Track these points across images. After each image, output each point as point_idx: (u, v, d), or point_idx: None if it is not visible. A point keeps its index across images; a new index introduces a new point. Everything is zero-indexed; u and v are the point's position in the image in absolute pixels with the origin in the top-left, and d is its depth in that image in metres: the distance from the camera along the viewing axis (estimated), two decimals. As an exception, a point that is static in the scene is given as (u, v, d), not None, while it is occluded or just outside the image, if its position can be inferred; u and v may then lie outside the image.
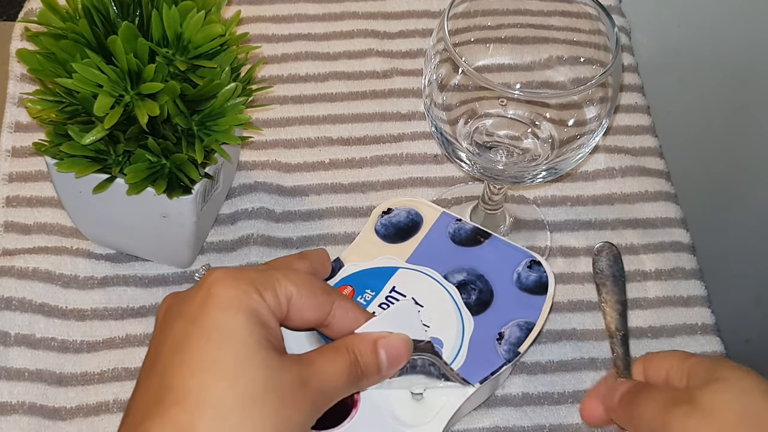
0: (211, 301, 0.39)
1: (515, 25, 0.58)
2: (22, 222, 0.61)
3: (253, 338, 0.38)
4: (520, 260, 0.55)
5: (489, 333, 0.51)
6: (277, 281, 0.41)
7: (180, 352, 0.38)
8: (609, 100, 0.51)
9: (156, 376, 0.38)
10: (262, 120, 0.68)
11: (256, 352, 0.38)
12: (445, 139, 0.54)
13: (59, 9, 0.50)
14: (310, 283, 0.42)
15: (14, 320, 0.57)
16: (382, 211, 0.57)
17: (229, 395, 0.36)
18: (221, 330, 0.38)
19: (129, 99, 0.48)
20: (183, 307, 0.40)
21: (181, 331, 0.38)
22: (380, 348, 0.43)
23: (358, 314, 0.44)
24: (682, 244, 0.64)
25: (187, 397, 0.36)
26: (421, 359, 0.46)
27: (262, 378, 0.37)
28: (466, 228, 0.56)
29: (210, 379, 0.37)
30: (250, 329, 0.38)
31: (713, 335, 0.60)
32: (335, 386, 0.41)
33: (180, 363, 0.37)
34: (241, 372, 0.37)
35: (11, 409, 0.54)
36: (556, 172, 0.54)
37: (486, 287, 0.53)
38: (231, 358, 0.37)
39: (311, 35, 0.73)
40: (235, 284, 0.39)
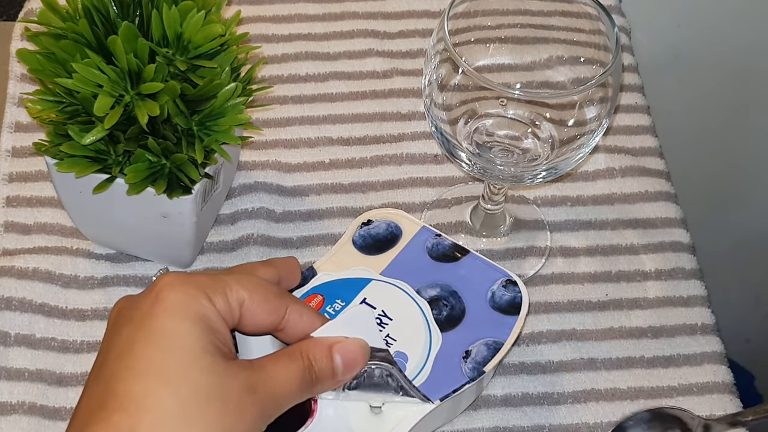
0: (159, 306, 0.38)
1: (515, 25, 0.58)
2: (22, 222, 0.61)
3: (198, 344, 0.38)
4: (495, 279, 0.54)
5: (456, 350, 0.51)
6: (228, 286, 0.40)
7: (125, 357, 0.38)
8: (609, 100, 0.51)
9: (101, 382, 0.38)
10: (262, 120, 0.68)
11: (200, 358, 0.37)
12: (446, 139, 0.54)
13: (59, 9, 0.50)
14: (262, 287, 0.42)
15: (14, 320, 0.57)
16: (361, 222, 0.56)
17: (171, 401, 0.36)
18: (167, 335, 0.38)
19: (129, 99, 0.48)
20: (131, 312, 0.39)
21: (127, 336, 0.38)
22: (335, 353, 0.42)
23: (313, 318, 0.43)
24: (682, 244, 0.64)
25: (130, 403, 0.36)
26: (378, 368, 0.45)
27: (206, 384, 0.37)
28: (444, 243, 0.55)
29: (153, 385, 0.36)
30: (197, 335, 0.38)
31: (713, 335, 0.60)
32: (287, 392, 0.40)
33: (125, 368, 0.37)
34: (184, 378, 0.37)
35: (11, 409, 0.54)
36: (556, 172, 0.54)
37: (458, 304, 0.52)
38: (174, 363, 0.37)
39: (311, 35, 0.73)
40: (183, 289, 0.39)
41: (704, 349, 0.59)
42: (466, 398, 0.53)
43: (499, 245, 0.63)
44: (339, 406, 0.46)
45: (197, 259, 0.61)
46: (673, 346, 0.59)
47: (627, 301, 0.61)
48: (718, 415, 0.56)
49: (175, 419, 0.36)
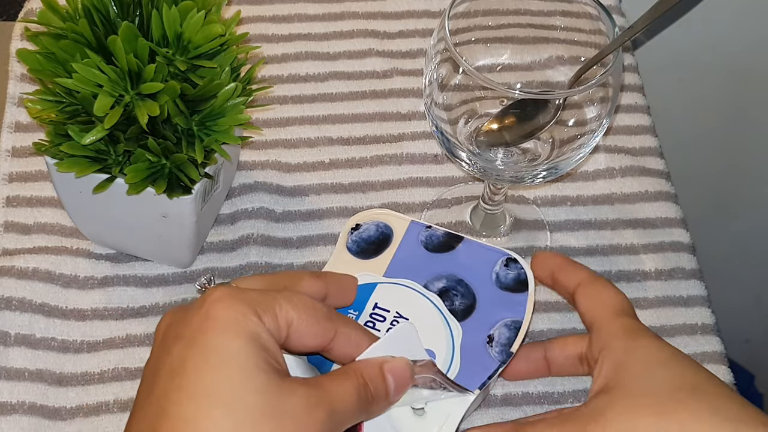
0: (210, 323, 0.38)
1: (516, 25, 0.58)
2: (22, 222, 0.61)
3: (251, 362, 0.37)
4: (495, 260, 0.54)
5: (478, 337, 0.51)
6: (278, 305, 0.40)
7: (177, 377, 0.37)
8: (609, 100, 0.51)
9: (153, 403, 0.37)
10: (262, 120, 0.68)
11: (254, 376, 0.36)
12: (446, 139, 0.54)
13: (59, 9, 0.50)
14: (312, 308, 0.41)
15: (14, 320, 0.57)
16: (350, 227, 0.56)
17: (225, 423, 0.35)
18: (219, 354, 0.37)
19: (129, 99, 0.48)
20: (181, 329, 0.39)
21: (178, 355, 0.37)
22: (387, 372, 0.42)
23: (360, 339, 0.43)
24: (682, 244, 0.64)
25: (184, 426, 0.35)
26: (422, 378, 0.45)
27: (261, 403, 0.36)
28: (437, 234, 0.55)
29: (206, 406, 0.36)
30: (248, 352, 0.37)
31: (713, 335, 0.60)
32: (346, 410, 0.39)
33: (177, 389, 0.36)
34: (238, 398, 0.36)
35: (11, 409, 0.54)
36: (556, 171, 0.54)
37: (467, 291, 0.53)
38: (228, 383, 0.36)
39: (311, 35, 0.73)
40: (234, 306, 0.38)
41: (704, 349, 0.59)
42: (494, 382, 0.53)
43: (499, 245, 0.63)
44: (383, 415, 0.46)
45: (197, 259, 0.61)
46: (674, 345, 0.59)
47: (627, 301, 0.61)
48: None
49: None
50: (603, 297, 0.49)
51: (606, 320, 0.48)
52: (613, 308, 0.48)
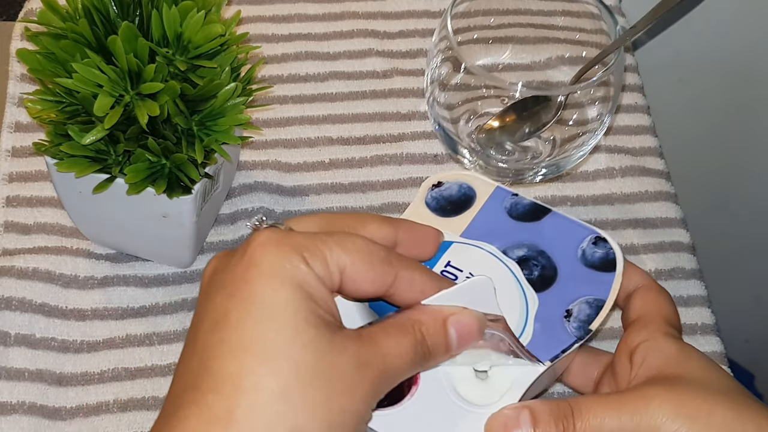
0: (253, 271, 0.35)
1: (516, 24, 0.58)
2: (22, 222, 0.61)
3: (300, 314, 0.34)
4: (584, 236, 0.50)
5: (556, 310, 0.47)
6: (328, 249, 0.36)
7: (219, 329, 0.34)
8: (610, 99, 0.51)
9: (195, 357, 0.35)
10: (262, 120, 0.68)
11: (302, 331, 0.34)
12: (448, 137, 0.54)
13: (59, 9, 0.50)
14: (367, 252, 0.37)
15: (14, 320, 0.57)
16: (432, 184, 0.52)
17: (270, 381, 0.33)
18: (263, 305, 0.34)
19: (129, 99, 0.48)
20: (224, 276, 0.36)
21: (221, 306, 0.35)
22: (450, 326, 0.39)
23: (426, 285, 0.40)
24: (682, 244, 0.64)
25: (225, 383, 0.33)
26: (490, 336, 0.42)
27: (310, 360, 0.33)
28: (523, 203, 0.51)
29: (250, 363, 0.33)
30: (297, 304, 0.34)
31: (713, 335, 0.60)
32: (399, 367, 0.37)
33: (219, 343, 0.34)
34: (284, 354, 0.33)
35: (11, 409, 0.54)
36: (557, 170, 0.54)
37: (549, 263, 0.49)
38: (274, 338, 0.33)
39: (311, 35, 0.73)
40: (279, 251, 0.35)
41: (704, 349, 0.59)
42: (561, 365, 0.49)
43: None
44: (442, 371, 0.44)
45: (197, 259, 0.61)
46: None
47: (627, 301, 0.61)
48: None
49: (277, 401, 0.33)
50: (663, 304, 0.47)
51: (657, 321, 0.45)
52: (668, 317, 0.46)
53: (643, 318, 0.45)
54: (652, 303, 0.46)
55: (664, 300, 0.47)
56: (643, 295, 0.46)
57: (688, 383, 0.41)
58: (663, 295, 0.47)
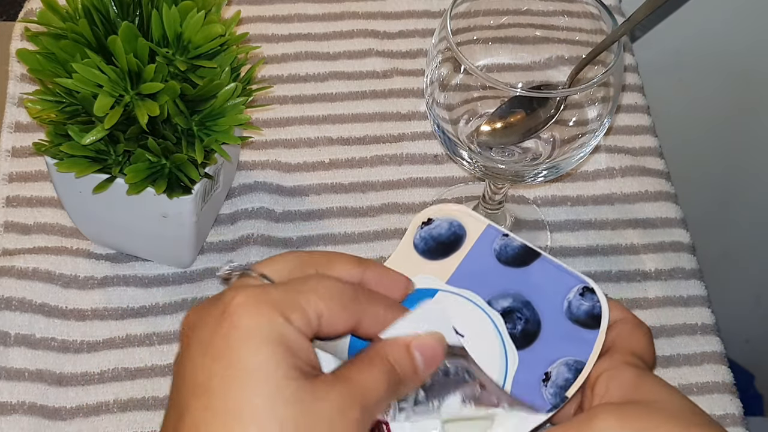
0: (234, 333, 0.36)
1: (516, 24, 0.58)
2: (22, 222, 0.61)
3: (279, 372, 0.35)
4: (571, 286, 0.47)
5: (534, 372, 0.45)
6: (305, 300, 0.38)
7: (204, 396, 0.36)
8: (610, 99, 0.51)
9: (182, 423, 0.36)
10: (262, 120, 0.68)
11: (283, 388, 0.35)
12: (447, 138, 0.54)
13: (59, 9, 0.50)
14: (338, 293, 0.39)
15: (14, 320, 0.57)
16: (421, 221, 0.50)
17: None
18: (246, 369, 0.35)
19: (129, 99, 0.48)
20: (204, 335, 0.37)
21: (203, 369, 0.36)
22: (414, 350, 0.40)
23: (389, 319, 0.41)
24: (682, 244, 0.64)
25: None
26: (454, 366, 0.42)
27: (293, 415, 0.34)
28: (513, 245, 0.49)
29: (237, 427, 0.34)
30: (276, 361, 0.35)
31: (713, 335, 0.60)
32: (376, 398, 0.38)
33: (204, 411, 0.35)
34: (268, 413, 0.34)
35: (11, 409, 0.54)
36: (557, 171, 0.54)
37: (533, 317, 0.47)
38: (256, 399, 0.35)
39: (311, 35, 0.73)
40: (259, 312, 0.36)
41: (704, 349, 0.59)
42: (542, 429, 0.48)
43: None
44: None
45: (197, 259, 0.61)
46: (673, 346, 0.59)
47: (627, 301, 0.61)
48: (719, 415, 0.56)
49: None
50: (634, 337, 0.46)
51: (622, 351, 0.45)
52: (636, 349, 0.45)
53: (610, 350, 0.45)
54: (623, 335, 0.46)
55: (637, 333, 0.46)
56: (618, 328, 0.46)
57: (639, 404, 0.42)
58: (638, 328, 0.46)
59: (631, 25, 0.49)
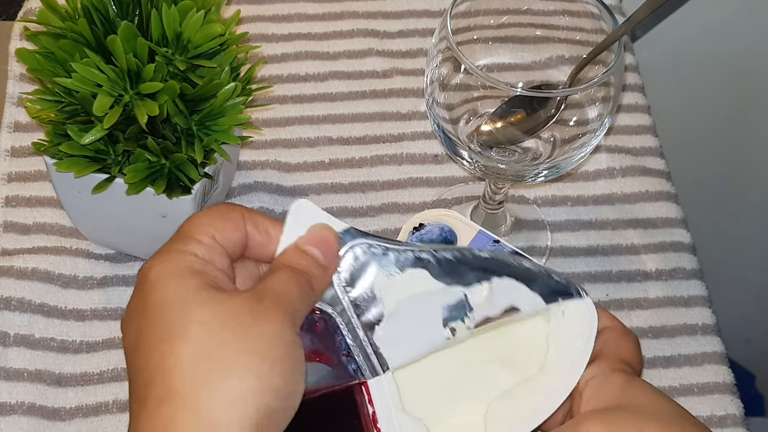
0: (147, 287, 0.39)
1: (517, 24, 0.58)
2: (21, 222, 0.61)
3: (189, 290, 0.38)
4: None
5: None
6: (197, 231, 0.40)
7: (137, 348, 0.38)
8: (611, 99, 0.51)
9: (132, 380, 0.39)
10: (262, 120, 0.68)
11: (195, 296, 0.37)
12: (448, 138, 0.54)
13: (58, 8, 0.50)
14: (225, 213, 0.41)
15: (13, 320, 0.57)
16: (413, 227, 0.51)
17: (188, 350, 0.36)
18: (159, 302, 0.38)
19: (128, 99, 0.48)
20: (131, 306, 0.40)
21: (136, 329, 0.39)
22: (304, 246, 0.42)
23: (274, 229, 0.43)
24: (682, 244, 0.64)
25: (155, 375, 0.36)
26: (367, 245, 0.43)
27: (211, 314, 0.37)
28: (504, 251, 0.48)
29: (167, 348, 0.37)
30: (185, 283, 0.38)
31: (713, 335, 0.60)
32: (292, 295, 0.40)
33: (139, 355, 0.38)
34: (188, 322, 0.37)
35: (11, 410, 0.54)
36: (557, 170, 0.54)
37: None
38: (175, 319, 0.37)
39: (311, 35, 0.73)
40: (161, 261, 0.39)
41: (705, 349, 0.59)
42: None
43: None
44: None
45: (197, 259, 0.60)
46: (674, 346, 0.59)
47: (627, 301, 0.61)
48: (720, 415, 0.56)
49: (200, 362, 0.36)
50: (622, 344, 0.46)
51: (610, 359, 0.45)
52: (623, 355, 0.46)
53: (598, 357, 0.46)
54: (611, 342, 0.46)
55: (625, 340, 0.47)
56: (605, 336, 0.47)
57: (625, 409, 0.42)
58: (625, 336, 0.47)
59: (632, 25, 0.49)
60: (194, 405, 0.36)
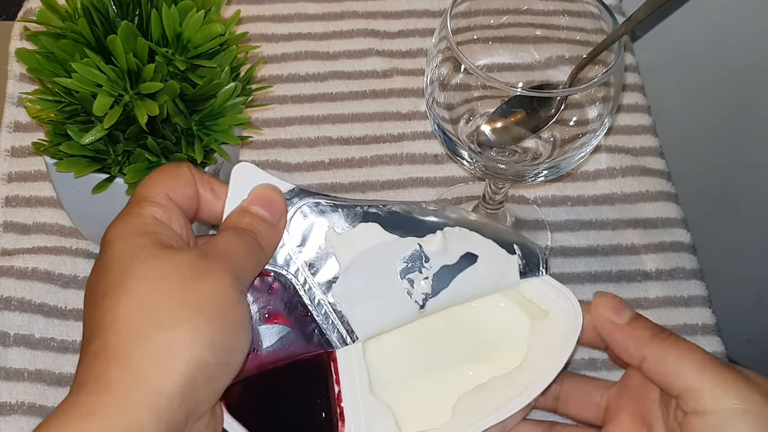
0: (105, 247, 0.39)
1: (517, 24, 0.58)
2: (21, 222, 0.61)
3: (132, 249, 0.38)
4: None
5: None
6: (150, 192, 0.41)
7: (87, 304, 0.39)
8: (611, 99, 0.51)
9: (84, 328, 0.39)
10: (262, 120, 0.68)
11: (136, 254, 0.38)
12: (447, 138, 0.54)
13: (58, 8, 0.50)
14: (175, 172, 0.42)
15: (13, 320, 0.57)
16: None
17: (129, 301, 0.36)
18: (108, 262, 0.38)
19: (128, 99, 0.48)
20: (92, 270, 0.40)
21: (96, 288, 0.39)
22: (249, 206, 0.42)
23: (221, 188, 0.43)
24: (682, 244, 0.64)
25: (98, 331, 0.37)
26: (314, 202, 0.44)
27: (152, 270, 0.37)
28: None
29: (108, 301, 0.37)
30: (132, 242, 0.38)
31: (714, 335, 0.60)
32: (238, 253, 0.40)
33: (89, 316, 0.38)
34: (130, 276, 0.37)
35: (10, 410, 0.54)
36: (557, 170, 0.54)
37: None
38: (116, 275, 0.37)
39: (311, 35, 0.73)
40: (117, 224, 0.40)
41: (705, 349, 0.59)
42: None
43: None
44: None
45: (197, 259, 0.60)
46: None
47: (627, 301, 0.60)
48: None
49: (136, 316, 0.36)
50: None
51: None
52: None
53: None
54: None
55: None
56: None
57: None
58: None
59: (632, 25, 0.49)
60: (125, 358, 0.36)
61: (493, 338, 0.49)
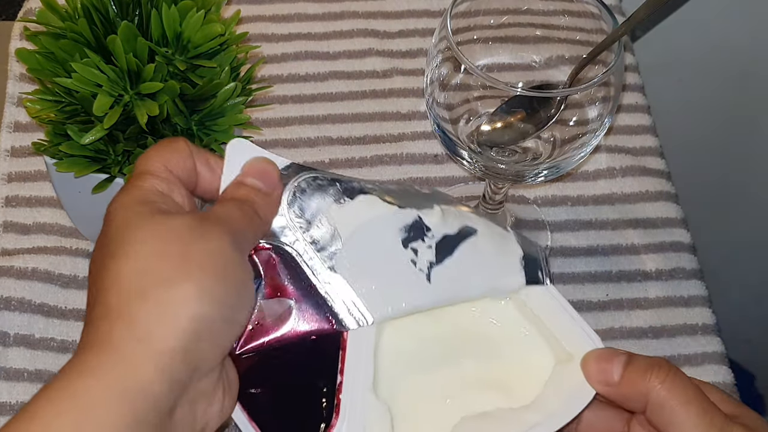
0: (107, 219, 0.40)
1: (517, 24, 0.58)
2: (21, 222, 0.61)
3: (133, 216, 0.38)
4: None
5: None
6: (150, 164, 0.41)
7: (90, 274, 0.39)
8: (611, 99, 0.51)
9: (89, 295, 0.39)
10: (262, 120, 0.68)
11: (136, 219, 0.38)
12: (447, 138, 0.54)
13: (58, 8, 0.50)
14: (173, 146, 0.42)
15: (13, 320, 0.57)
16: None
17: (131, 264, 0.36)
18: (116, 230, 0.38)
19: (128, 99, 0.48)
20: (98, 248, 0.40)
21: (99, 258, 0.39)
22: (244, 179, 0.42)
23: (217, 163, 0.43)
24: (682, 244, 0.64)
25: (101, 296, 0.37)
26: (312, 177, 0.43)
27: (151, 233, 0.37)
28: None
29: (114, 264, 0.37)
30: (134, 210, 0.38)
31: (714, 335, 0.60)
32: (235, 221, 0.40)
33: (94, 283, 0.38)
34: (133, 241, 0.37)
35: (10, 410, 0.53)
36: (557, 170, 0.54)
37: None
38: (119, 239, 0.38)
39: (311, 35, 0.73)
40: (119, 196, 0.40)
41: (705, 349, 0.59)
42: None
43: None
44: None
45: (197, 259, 0.60)
46: (674, 346, 0.59)
47: (627, 301, 0.61)
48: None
49: (136, 277, 0.36)
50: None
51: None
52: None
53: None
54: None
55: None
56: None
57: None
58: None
59: (632, 25, 0.49)
60: (128, 317, 0.36)
61: (512, 369, 0.46)
